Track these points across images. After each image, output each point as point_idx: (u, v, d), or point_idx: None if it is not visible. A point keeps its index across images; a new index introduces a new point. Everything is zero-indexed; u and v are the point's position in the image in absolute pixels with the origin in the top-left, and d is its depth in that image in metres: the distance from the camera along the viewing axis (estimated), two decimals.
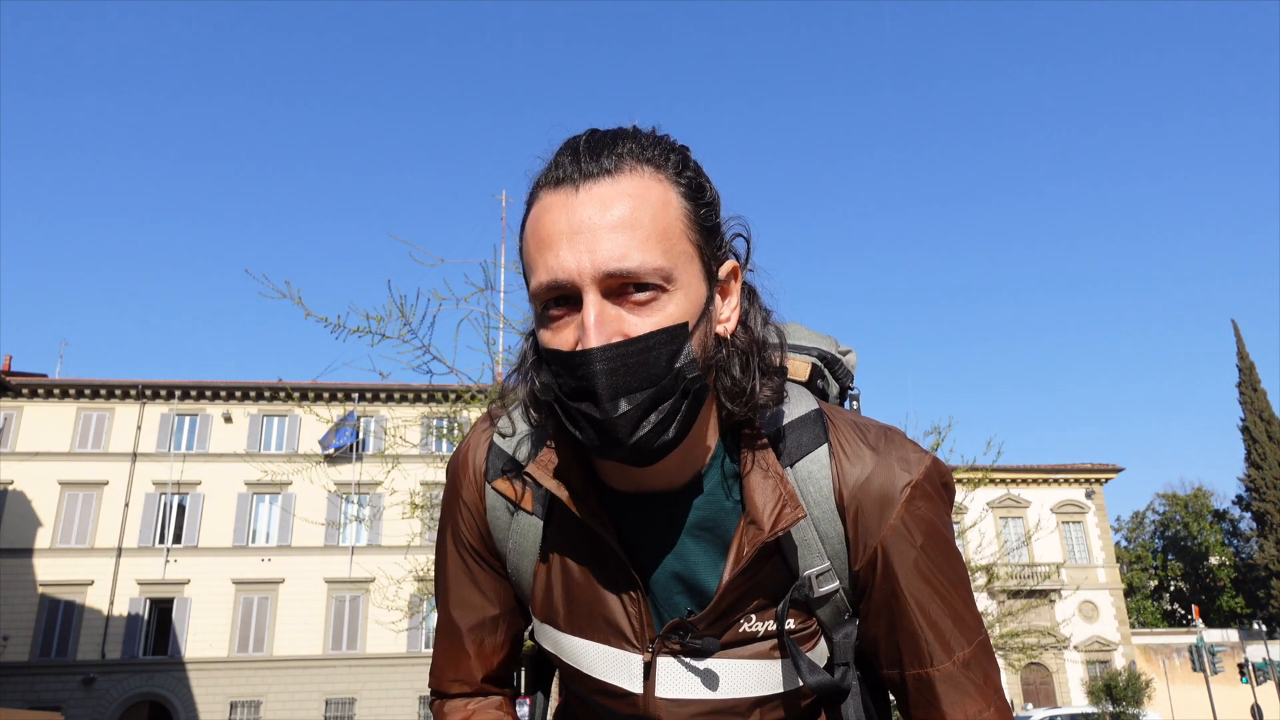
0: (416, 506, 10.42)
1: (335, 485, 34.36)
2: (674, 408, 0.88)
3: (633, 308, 0.87)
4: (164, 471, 34.76)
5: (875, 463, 1.00)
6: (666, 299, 0.88)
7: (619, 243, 0.86)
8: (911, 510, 0.99)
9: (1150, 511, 60.45)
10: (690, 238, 0.91)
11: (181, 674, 32.63)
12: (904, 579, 0.99)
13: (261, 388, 35.73)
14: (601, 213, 0.87)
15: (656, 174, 0.91)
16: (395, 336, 7.55)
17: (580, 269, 0.86)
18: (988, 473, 13.34)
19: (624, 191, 0.88)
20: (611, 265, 0.86)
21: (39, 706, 29.40)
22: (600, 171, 0.89)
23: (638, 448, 0.87)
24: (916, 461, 1.00)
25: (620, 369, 0.85)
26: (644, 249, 0.87)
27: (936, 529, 1.00)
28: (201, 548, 34.18)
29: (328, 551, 34.72)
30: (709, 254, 0.93)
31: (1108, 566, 41.85)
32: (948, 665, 0.99)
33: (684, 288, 0.89)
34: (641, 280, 0.87)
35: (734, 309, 0.98)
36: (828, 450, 1.00)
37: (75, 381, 35.23)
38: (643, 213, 0.88)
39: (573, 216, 0.88)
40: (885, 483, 0.99)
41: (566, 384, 0.88)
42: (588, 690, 1.07)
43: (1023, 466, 41.58)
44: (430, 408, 20.58)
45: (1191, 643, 34.93)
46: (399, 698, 33.39)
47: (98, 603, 32.96)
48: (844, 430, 1.03)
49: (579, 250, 0.87)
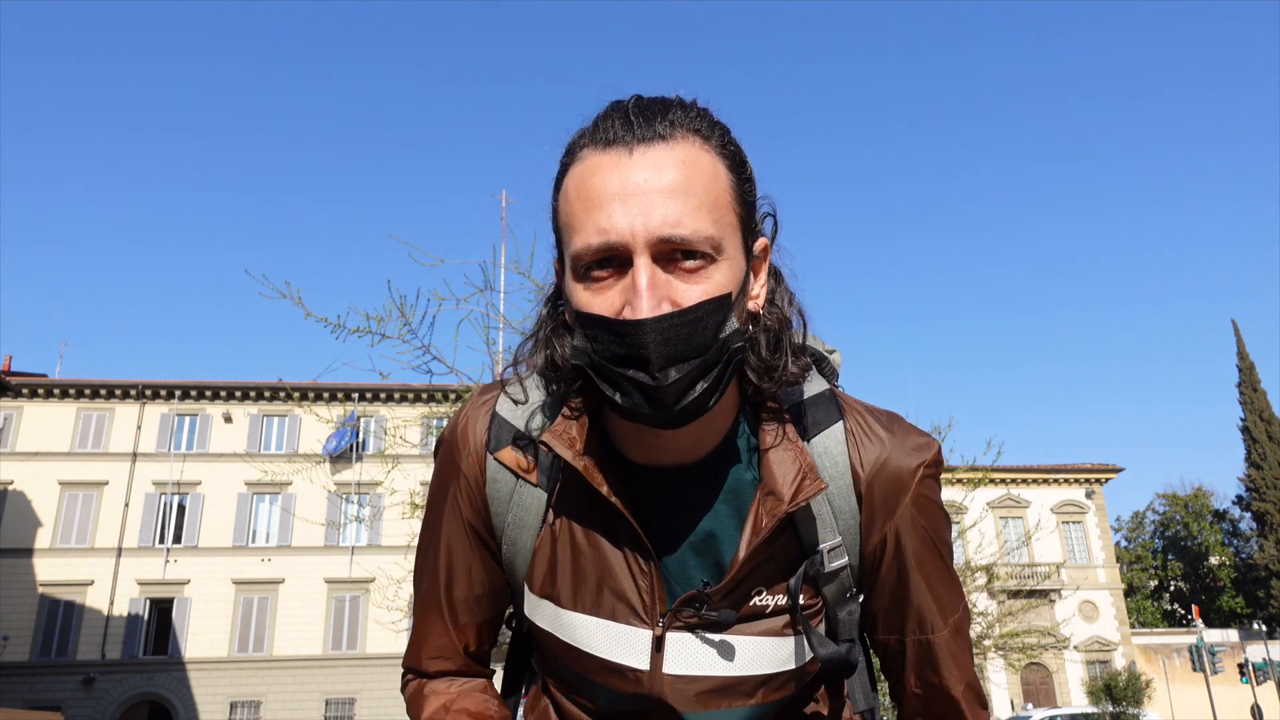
0: (416, 507, 10.41)
1: (335, 485, 34.35)
2: (719, 376, 0.89)
3: (682, 275, 0.87)
4: (164, 471, 34.77)
5: (891, 444, 1.02)
6: (714, 269, 0.88)
7: (673, 208, 0.86)
8: (922, 491, 1.02)
9: (1150, 511, 60.46)
10: (735, 210, 0.92)
11: (181, 674, 32.63)
12: (914, 555, 1.02)
13: (262, 388, 35.74)
14: (656, 176, 0.87)
15: (705, 144, 0.91)
16: (395, 336, 7.52)
17: (634, 231, 0.86)
18: (988, 473, 13.30)
19: (678, 158, 0.88)
20: (665, 230, 0.86)
21: (39, 706, 29.39)
22: (654, 136, 0.89)
23: (684, 413, 0.88)
24: (926, 445, 1.03)
25: (673, 339, 0.85)
26: (696, 217, 0.87)
27: (941, 507, 1.04)
28: (201, 548, 34.19)
29: (328, 551, 34.72)
30: (748, 228, 0.94)
31: (1108, 566, 41.85)
32: (945, 632, 1.04)
33: (729, 259, 0.90)
34: (693, 248, 0.87)
35: (763, 286, 0.99)
36: (844, 428, 1.02)
37: (75, 381, 35.23)
38: (695, 181, 0.88)
39: (626, 178, 0.87)
40: (901, 465, 1.01)
41: (609, 350, 0.87)
42: (587, 670, 1.03)
43: (1023, 466, 41.57)
44: (430, 408, 20.54)
45: (1191, 643, 34.93)
46: (399, 698, 33.25)
47: (98, 602, 32.96)
48: (857, 410, 1.06)
49: (632, 212, 0.86)
